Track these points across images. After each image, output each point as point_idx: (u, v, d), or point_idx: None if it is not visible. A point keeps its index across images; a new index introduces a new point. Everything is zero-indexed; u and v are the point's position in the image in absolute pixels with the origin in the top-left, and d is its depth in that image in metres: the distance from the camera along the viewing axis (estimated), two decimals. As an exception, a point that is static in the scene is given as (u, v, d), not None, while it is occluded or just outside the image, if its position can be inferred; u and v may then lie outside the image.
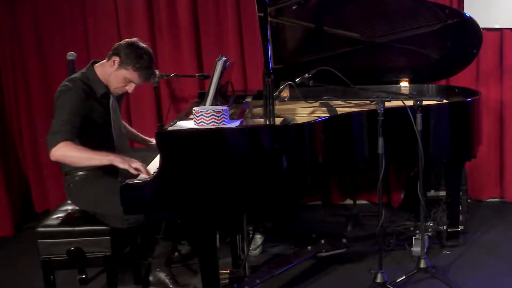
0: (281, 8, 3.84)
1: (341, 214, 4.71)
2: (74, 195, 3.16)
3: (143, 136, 3.64)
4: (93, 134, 3.06)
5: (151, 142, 3.59)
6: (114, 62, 3.04)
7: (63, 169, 3.17)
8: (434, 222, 4.08)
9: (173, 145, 2.87)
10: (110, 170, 3.10)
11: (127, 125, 3.58)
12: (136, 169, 2.91)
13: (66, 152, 2.89)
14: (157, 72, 3.09)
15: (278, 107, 3.69)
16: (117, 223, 3.04)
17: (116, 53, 3.05)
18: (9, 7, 4.56)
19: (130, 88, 3.10)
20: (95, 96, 3.07)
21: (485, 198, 4.90)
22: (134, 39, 3.12)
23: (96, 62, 3.15)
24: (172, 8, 4.56)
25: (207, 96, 3.29)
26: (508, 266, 3.72)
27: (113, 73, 3.06)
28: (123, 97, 3.38)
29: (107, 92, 3.12)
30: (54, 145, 2.88)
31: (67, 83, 3.03)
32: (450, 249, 3.97)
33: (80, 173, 3.11)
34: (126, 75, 3.05)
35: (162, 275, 3.36)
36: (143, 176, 2.97)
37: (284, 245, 4.07)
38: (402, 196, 4.72)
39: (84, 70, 3.13)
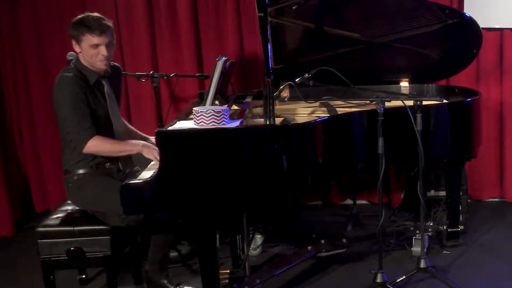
0: (281, 8, 3.84)
1: (341, 214, 4.71)
2: (73, 194, 3.17)
3: (142, 134, 3.63)
4: (94, 121, 3.09)
5: (150, 140, 3.59)
6: (75, 46, 3.12)
7: (64, 167, 3.19)
8: (434, 222, 4.08)
9: (173, 145, 2.87)
10: (108, 170, 3.16)
11: (126, 122, 3.57)
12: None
13: (98, 147, 3.06)
14: (109, 23, 3.13)
15: (278, 107, 3.69)
16: (117, 221, 3.04)
17: (71, 38, 3.12)
18: (9, 7, 4.56)
19: (102, 51, 3.08)
20: (90, 84, 3.13)
21: (485, 198, 4.89)
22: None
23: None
24: (172, 8, 4.56)
25: (207, 96, 3.29)
26: (508, 266, 3.72)
27: (83, 53, 3.10)
28: (120, 90, 3.40)
29: (99, 80, 3.16)
30: (85, 142, 3.03)
31: (61, 73, 3.10)
32: (450, 249, 3.97)
33: (79, 172, 3.13)
34: (87, 44, 3.06)
35: (164, 282, 3.37)
36: (142, 176, 2.97)
37: (284, 245, 4.07)
38: (402, 196, 4.72)
39: (73, 63, 3.19)
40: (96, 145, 3.04)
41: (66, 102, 3.02)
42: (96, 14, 3.13)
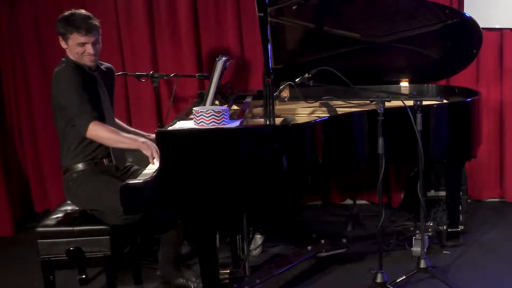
0: (281, 8, 3.84)
1: (341, 214, 4.71)
2: (72, 193, 3.18)
3: (140, 132, 3.63)
4: None
5: (151, 137, 3.59)
6: (62, 42, 3.15)
7: (62, 165, 3.20)
8: (434, 222, 4.09)
9: (173, 145, 2.87)
10: (106, 168, 3.17)
11: (125, 125, 3.57)
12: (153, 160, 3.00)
13: (98, 132, 3.04)
14: (96, 22, 3.15)
15: (278, 107, 3.69)
16: (114, 219, 3.04)
17: (58, 34, 3.15)
18: (9, 7, 4.56)
19: (88, 49, 3.12)
20: (84, 73, 3.14)
21: (485, 198, 4.89)
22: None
23: None
24: (172, 8, 4.56)
25: (207, 96, 3.29)
26: (508, 266, 3.72)
27: (69, 49, 3.13)
28: (113, 88, 3.41)
29: (91, 73, 3.18)
30: (86, 126, 3.02)
31: (59, 66, 3.14)
32: (450, 249, 3.97)
33: (78, 168, 3.14)
34: (73, 42, 3.10)
35: (182, 281, 3.40)
36: (142, 176, 2.97)
37: (284, 245, 4.07)
38: (402, 196, 4.72)
39: (64, 61, 3.20)
40: (97, 129, 3.03)
41: (67, 90, 3.04)
42: (83, 11, 3.16)
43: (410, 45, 4.02)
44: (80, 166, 3.14)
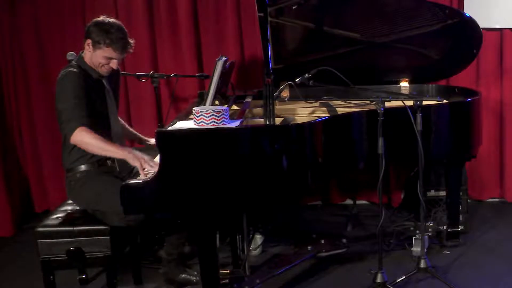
0: (281, 8, 3.84)
1: (341, 214, 4.70)
2: (74, 192, 3.17)
3: (141, 136, 3.65)
4: (92, 118, 3.08)
5: (149, 141, 3.60)
6: (88, 45, 3.11)
7: (64, 166, 3.19)
8: (434, 222, 4.09)
9: (173, 145, 2.87)
10: (110, 169, 3.17)
11: (125, 124, 3.59)
12: (144, 170, 2.96)
13: (82, 139, 3.00)
14: (131, 41, 3.17)
15: (278, 107, 3.69)
16: (116, 221, 3.04)
17: (87, 36, 3.10)
18: (9, 7, 4.56)
19: (113, 64, 3.12)
20: (91, 80, 3.13)
21: (485, 198, 4.89)
22: (101, 16, 3.15)
23: (83, 52, 3.21)
24: (172, 8, 4.56)
25: (207, 96, 3.29)
26: (508, 266, 3.72)
27: (92, 55, 3.11)
28: (118, 88, 3.42)
29: (99, 79, 3.17)
30: (72, 132, 2.99)
31: (65, 69, 3.11)
32: (450, 249, 3.97)
33: (81, 169, 3.14)
34: (103, 54, 3.08)
35: (183, 276, 3.39)
36: (142, 176, 2.97)
37: (284, 245, 4.07)
38: (402, 196, 4.71)
39: (75, 60, 3.20)
40: (82, 136, 2.98)
41: (68, 97, 3.02)
42: (119, 24, 3.13)
43: (410, 45, 4.02)
44: (83, 167, 3.14)
